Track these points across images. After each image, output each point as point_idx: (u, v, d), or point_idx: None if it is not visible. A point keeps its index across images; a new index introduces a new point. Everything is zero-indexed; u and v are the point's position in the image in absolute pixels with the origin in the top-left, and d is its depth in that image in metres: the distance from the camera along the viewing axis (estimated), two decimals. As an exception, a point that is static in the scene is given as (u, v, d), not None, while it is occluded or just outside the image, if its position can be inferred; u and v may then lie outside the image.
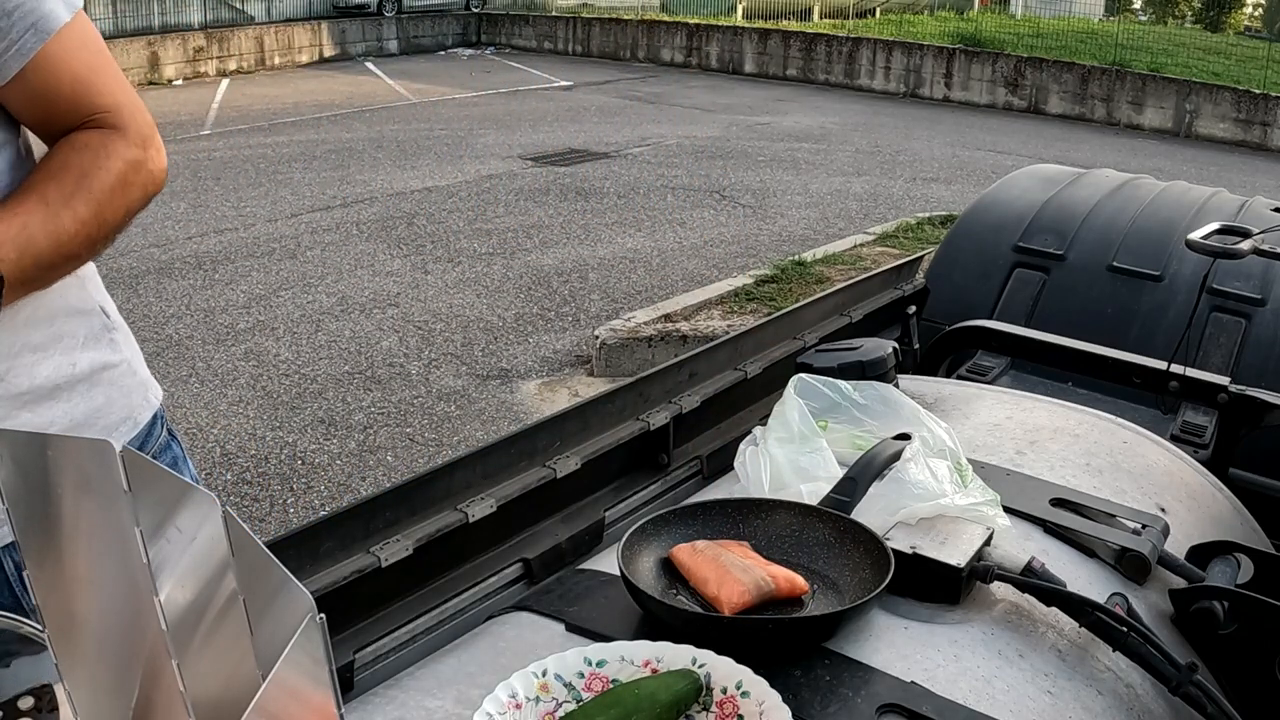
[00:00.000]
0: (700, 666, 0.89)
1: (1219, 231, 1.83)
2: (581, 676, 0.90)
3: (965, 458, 1.23)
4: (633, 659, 0.91)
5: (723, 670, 0.89)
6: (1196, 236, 1.79)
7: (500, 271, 6.86)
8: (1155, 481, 1.42)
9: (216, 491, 3.91)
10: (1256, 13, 27.85)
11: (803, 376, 1.36)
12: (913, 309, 2.06)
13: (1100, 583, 1.16)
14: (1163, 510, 1.34)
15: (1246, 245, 1.76)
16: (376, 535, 1.14)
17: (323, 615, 0.56)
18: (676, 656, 0.91)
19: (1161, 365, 1.78)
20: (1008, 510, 1.16)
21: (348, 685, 1.04)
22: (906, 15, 21.18)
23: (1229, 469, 1.71)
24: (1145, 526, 1.22)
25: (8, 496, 0.62)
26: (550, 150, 10.94)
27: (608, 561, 1.11)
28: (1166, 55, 15.59)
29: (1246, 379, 1.84)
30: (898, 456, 1.16)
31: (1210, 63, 15.64)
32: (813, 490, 1.16)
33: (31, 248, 1.10)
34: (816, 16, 21.11)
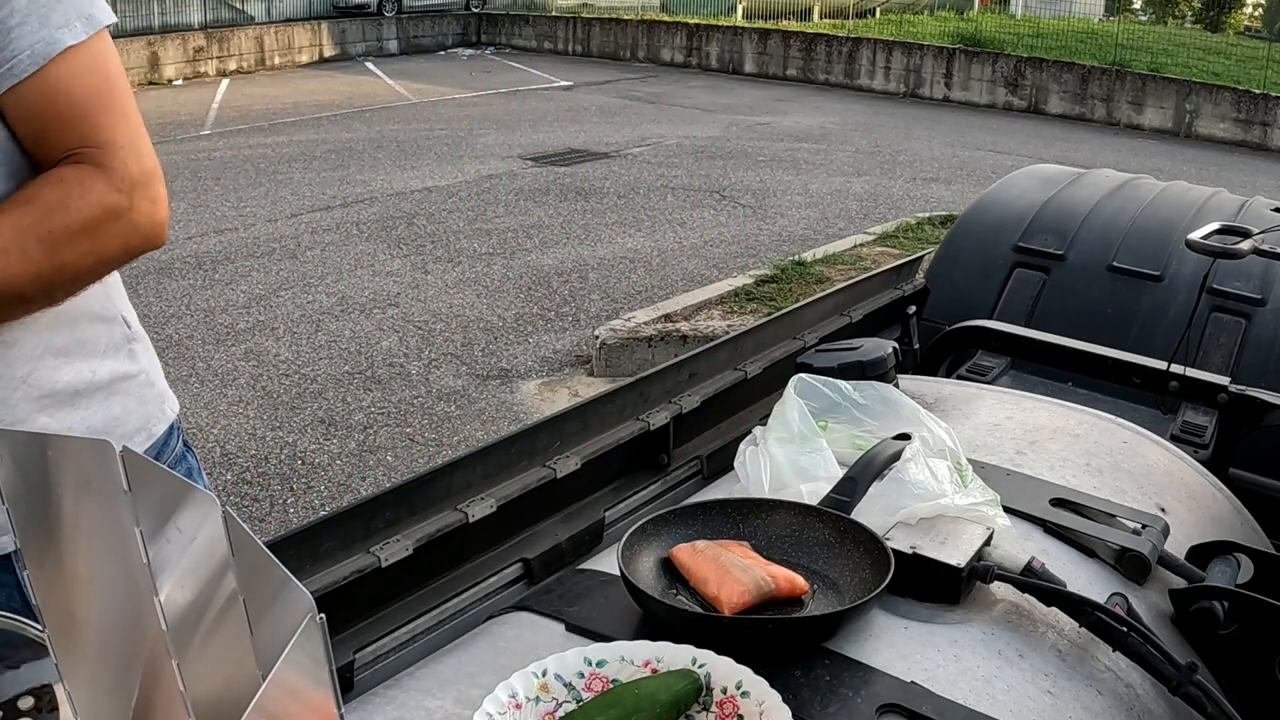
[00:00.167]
0: (700, 666, 0.89)
1: (1219, 231, 1.83)
2: (581, 676, 0.90)
3: (965, 458, 1.23)
4: (633, 659, 0.91)
5: (723, 670, 0.89)
6: (1196, 236, 1.79)
7: (500, 271, 6.86)
8: (1155, 481, 1.42)
9: (216, 491, 3.90)
10: (1256, 13, 27.85)
11: (803, 376, 1.36)
12: (913, 309, 2.06)
13: (1100, 583, 1.16)
14: (1163, 510, 1.34)
15: (1246, 245, 1.76)
16: (376, 535, 1.14)
17: (323, 615, 0.56)
18: (676, 656, 0.91)
19: (1161, 365, 1.78)
20: (1008, 510, 1.16)
21: (348, 685, 1.04)
22: (906, 15, 21.18)
23: (1229, 469, 1.71)
24: (1145, 526, 1.22)
25: (8, 496, 0.62)
26: (550, 150, 10.94)
27: (608, 561, 1.11)
28: (1166, 55, 15.59)
29: (1246, 379, 1.84)
30: (898, 456, 1.16)
31: (1210, 63, 15.64)
32: (813, 490, 1.16)
33: None
34: (816, 16, 21.11)
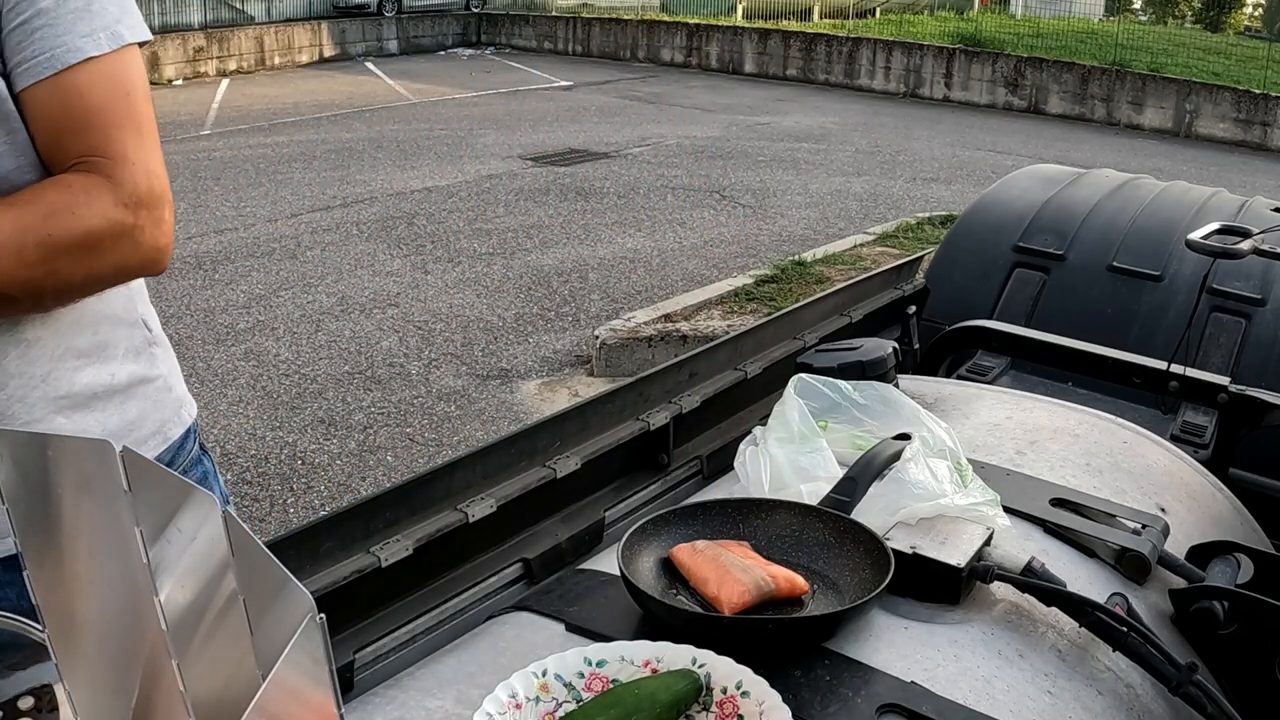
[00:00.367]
0: (700, 666, 0.89)
1: (1219, 231, 1.83)
2: (581, 676, 0.90)
3: (965, 458, 1.23)
4: (633, 659, 0.91)
5: (723, 670, 0.89)
6: (1196, 236, 1.78)
7: (500, 271, 6.86)
8: (1155, 481, 1.42)
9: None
10: (1256, 13, 27.85)
11: (803, 376, 1.36)
12: (913, 309, 2.06)
13: (1100, 583, 1.16)
14: (1163, 510, 1.34)
15: (1246, 245, 1.76)
16: (376, 535, 1.13)
17: (323, 615, 0.56)
18: (676, 656, 0.91)
19: (1161, 365, 1.78)
20: (1008, 510, 1.16)
21: (348, 685, 1.04)
22: (906, 15, 21.18)
23: (1229, 469, 1.71)
24: (1145, 526, 1.22)
25: (8, 496, 0.62)
26: (550, 150, 10.94)
27: (608, 561, 1.11)
28: (1166, 55, 15.60)
29: (1246, 379, 1.84)
30: (898, 456, 1.16)
31: (1210, 63, 15.64)
32: (813, 490, 1.16)
33: None
34: (816, 16, 21.11)
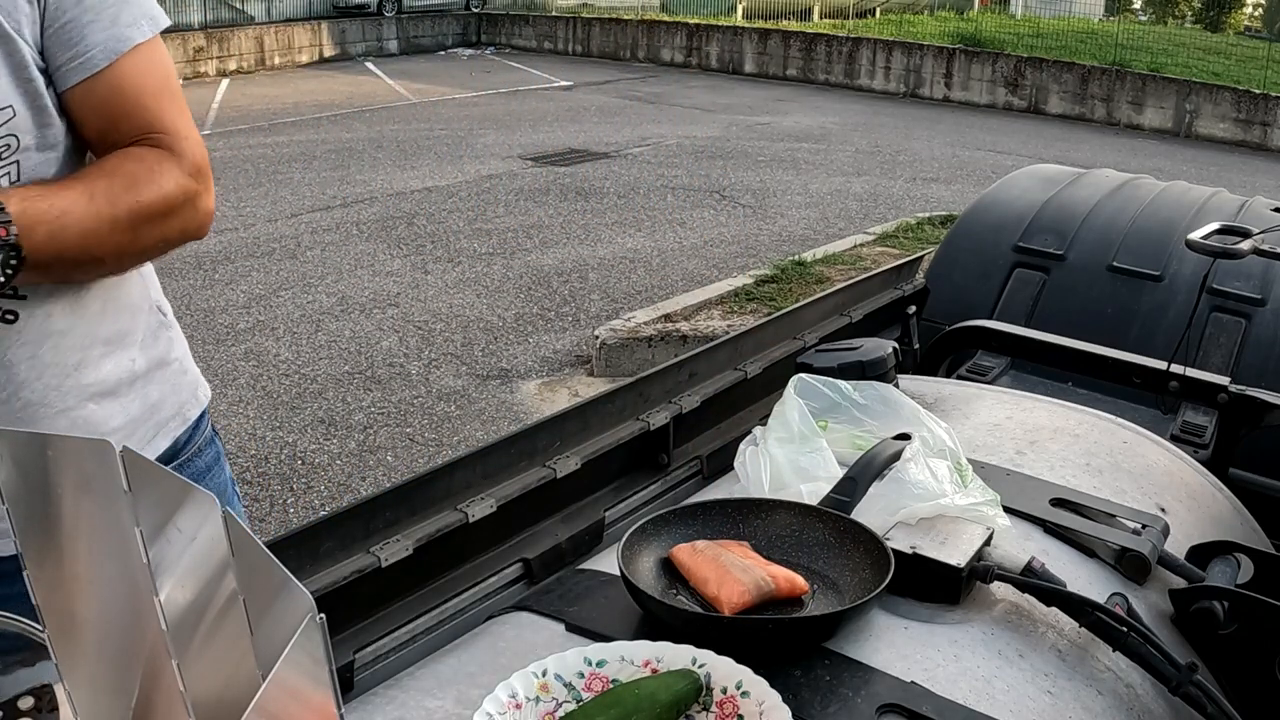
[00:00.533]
0: (700, 666, 0.89)
1: (1219, 231, 1.83)
2: (581, 676, 0.90)
3: (965, 458, 1.23)
4: (633, 659, 0.91)
5: (723, 670, 0.89)
6: (1196, 236, 1.78)
7: (500, 271, 6.86)
8: (1155, 481, 1.42)
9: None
10: (1256, 13, 27.86)
11: (803, 376, 1.36)
12: (913, 309, 2.05)
13: (1100, 583, 1.16)
14: (1163, 510, 1.34)
15: (1246, 245, 1.76)
16: (376, 535, 1.13)
17: (323, 615, 0.56)
18: (676, 656, 0.90)
19: (1161, 365, 1.78)
20: (1008, 510, 1.16)
21: (348, 685, 1.04)
22: (906, 15, 21.18)
23: (1229, 469, 1.71)
24: (1145, 526, 1.22)
25: (8, 496, 0.62)
26: (550, 150, 10.94)
27: (608, 561, 1.11)
28: (1166, 55, 15.60)
29: (1246, 379, 1.84)
30: (898, 456, 1.16)
31: (1210, 63, 15.64)
32: (813, 490, 1.16)
33: (61, 237, 1.07)
34: (816, 16, 21.11)
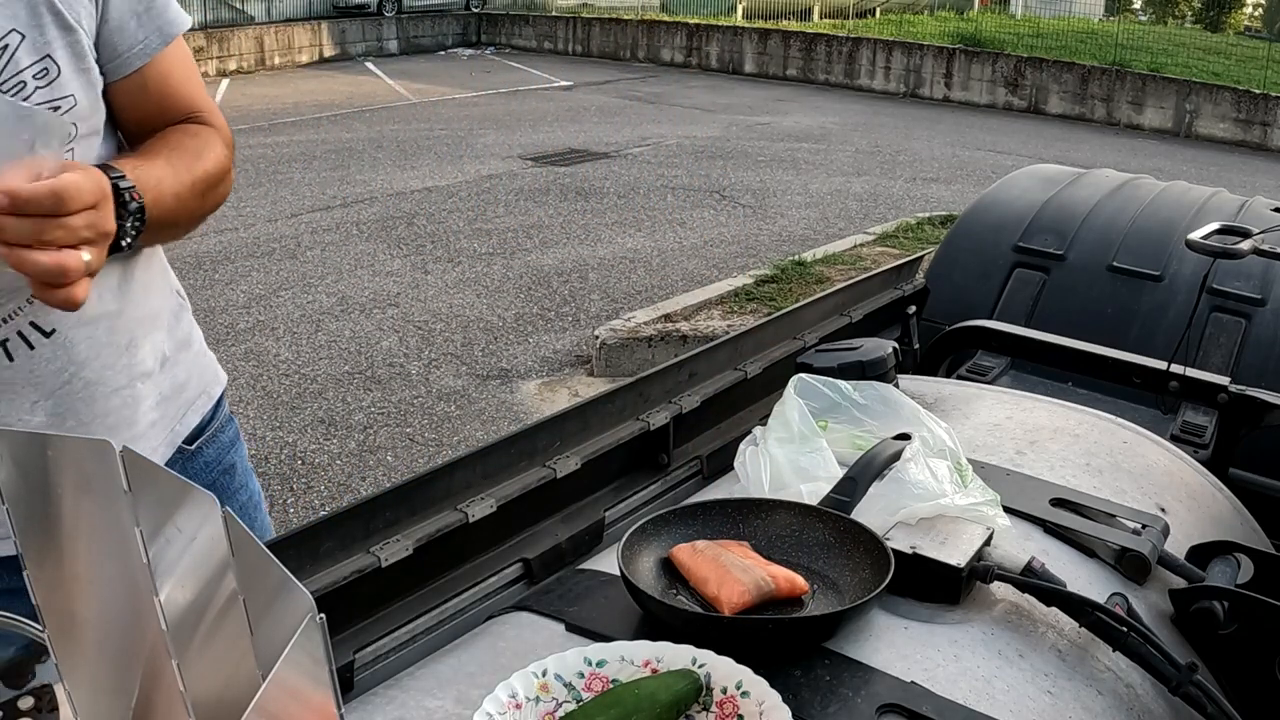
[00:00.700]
0: (700, 666, 0.89)
1: (1219, 231, 1.83)
2: (581, 676, 0.90)
3: (965, 458, 1.23)
4: (633, 659, 0.91)
5: (723, 670, 0.89)
6: (1196, 236, 1.78)
7: (500, 271, 6.86)
8: (1155, 481, 1.42)
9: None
10: (1256, 13, 27.87)
11: (803, 376, 1.36)
12: (913, 309, 2.05)
13: (1100, 583, 1.16)
14: (1163, 510, 1.34)
15: (1246, 245, 1.76)
16: (376, 535, 1.13)
17: (323, 615, 0.56)
18: (676, 656, 0.90)
19: (1161, 365, 1.77)
20: (1008, 510, 1.16)
21: (348, 685, 1.04)
22: (906, 15, 21.19)
23: (1229, 469, 1.71)
24: (1145, 526, 1.22)
25: (8, 496, 0.62)
26: (550, 150, 10.94)
27: (608, 561, 1.11)
28: (1166, 55, 15.60)
29: (1246, 379, 1.84)
30: (898, 456, 1.16)
31: (1210, 63, 15.65)
32: (813, 490, 1.16)
33: (161, 204, 1.11)
34: (816, 16, 21.12)
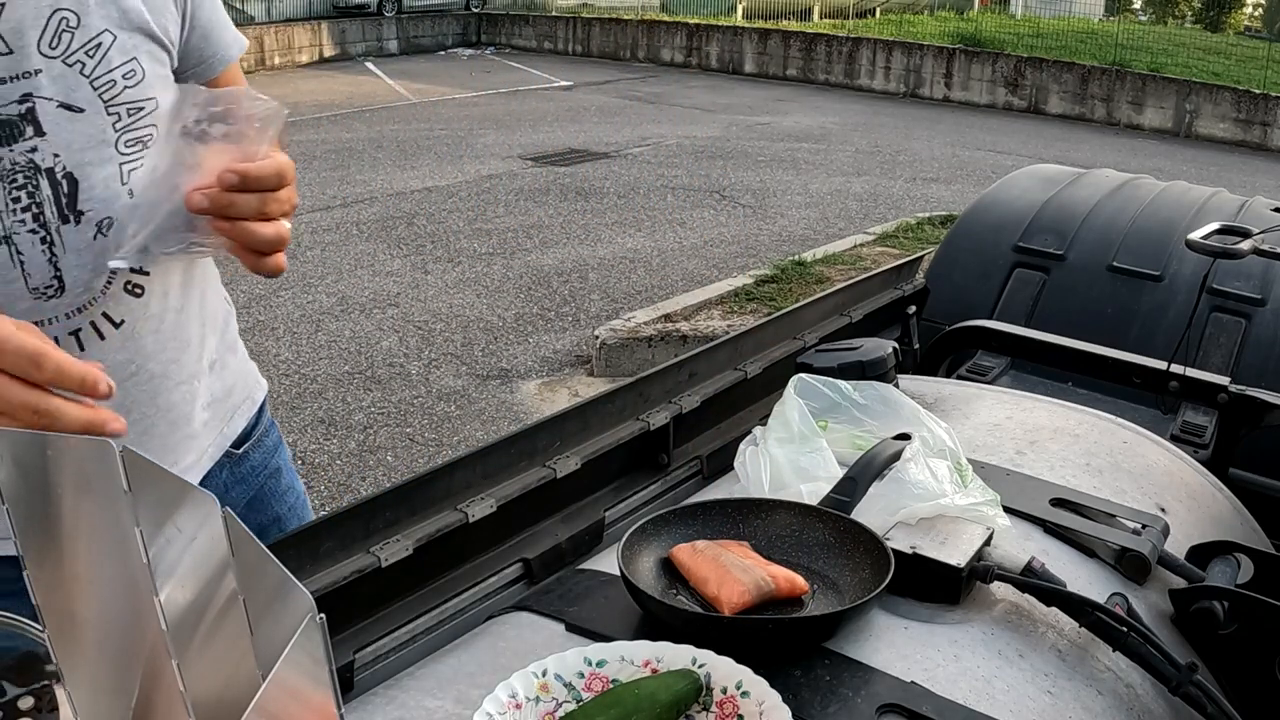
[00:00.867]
0: (700, 666, 0.89)
1: (1219, 231, 1.83)
2: (581, 676, 0.90)
3: (965, 458, 1.23)
4: (633, 659, 0.91)
5: (723, 670, 0.89)
6: (1196, 236, 1.78)
7: (500, 271, 6.86)
8: (1155, 481, 1.42)
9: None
10: (1256, 13, 27.88)
11: (803, 376, 1.36)
12: (913, 309, 2.05)
13: (1100, 583, 1.16)
14: (1163, 510, 1.34)
15: (1246, 245, 1.76)
16: (376, 535, 1.13)
17: (323, 615, 0.56)
18: (676, 656, 0.90)
19: (1161, 365, 1.77)
20: (1008, 510, 1.16)
21: (348, 685, 1.04)
22: (906, 15, 21.19)
23: (1229, 469, 1.71)
24: (1145, 526, 1.22)
25: (8, 496, 0.62)
26: (550, 150, 10.94)
27: (608, 561, 1.11)
28: (1166, 55, 15.61)
29: (1246, 379, 1.84)
30: (898, 456, 1.16)
31: (1210, 63, 15.65)
32: (813, 490, 1.16)
33: None
34: (816, 16, 21.12)
